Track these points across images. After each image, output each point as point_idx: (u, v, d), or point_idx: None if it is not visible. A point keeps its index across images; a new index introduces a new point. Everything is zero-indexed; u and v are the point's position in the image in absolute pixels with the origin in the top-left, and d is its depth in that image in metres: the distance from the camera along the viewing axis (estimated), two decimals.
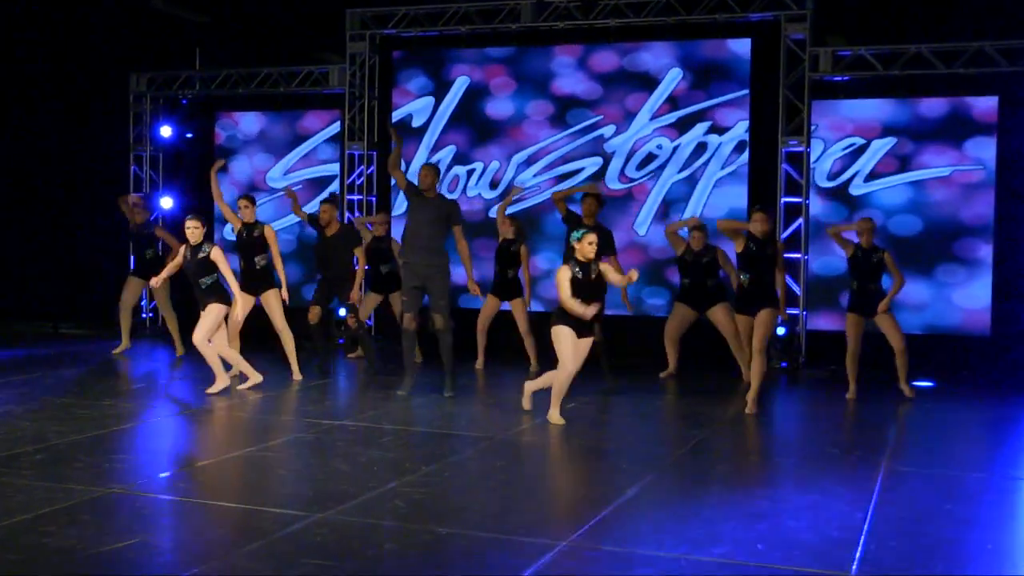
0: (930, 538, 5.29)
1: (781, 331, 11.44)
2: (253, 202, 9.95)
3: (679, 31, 12.16)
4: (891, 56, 11.38)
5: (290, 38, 13.80)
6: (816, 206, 11.81)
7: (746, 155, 12.00)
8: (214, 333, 9.14)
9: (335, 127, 13.65)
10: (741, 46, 12.02)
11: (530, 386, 8.46)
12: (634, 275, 7.69)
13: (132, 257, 12.93)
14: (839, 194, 11.83)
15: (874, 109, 11.73)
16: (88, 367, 10.92)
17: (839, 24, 11.80)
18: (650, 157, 12.32)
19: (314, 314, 10.31)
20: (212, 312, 9.02)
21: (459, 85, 13.01)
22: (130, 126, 14.36)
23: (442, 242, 9.00)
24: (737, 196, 11.95)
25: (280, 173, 13.95)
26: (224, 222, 13.29)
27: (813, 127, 11.67)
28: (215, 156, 14.12)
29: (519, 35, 12.65)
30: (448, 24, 12.71)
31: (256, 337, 10.94)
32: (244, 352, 9.67)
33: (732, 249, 9.16)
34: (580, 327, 7.90)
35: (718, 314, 10.30)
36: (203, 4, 13.87)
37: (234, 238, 10.25)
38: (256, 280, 9.78)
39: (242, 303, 9.40)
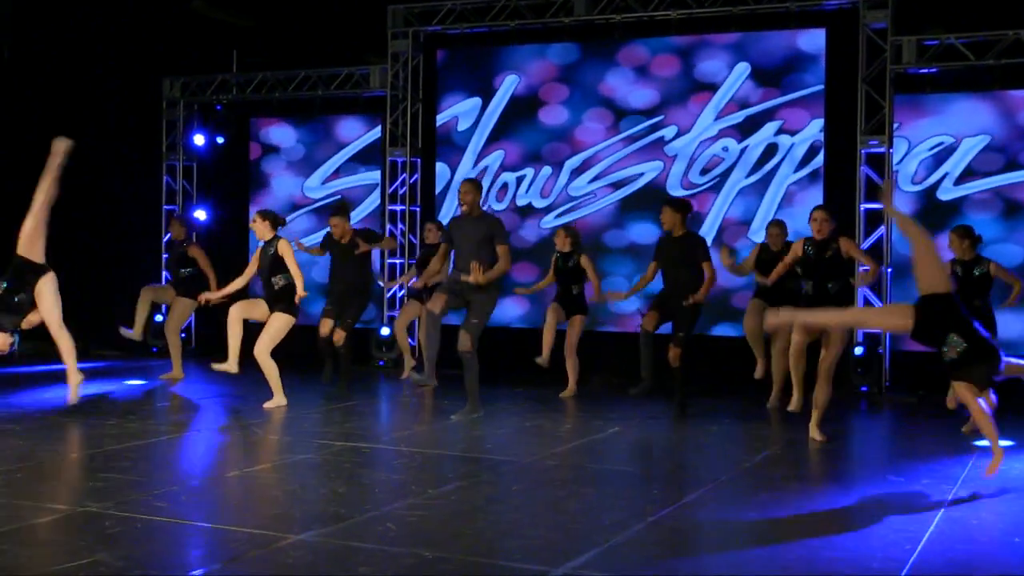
0: None
1: (859, 350, 11.09)
2: (264, 217, 9.68)
3: (746, 22, 11.95)
4: (984, 44, 11.03)
5: (329, 39, 13.91)
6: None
7: (821, 157, 11.72)
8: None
9: (376, 132, 13.69)
10: (815, 37, 11.76)
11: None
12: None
13: (166, 274, 13.15)
14: (926, 199, 11.46)
15: (965, 104, 11.36)
16: (105, 386, 11.06)
17: (924, 10, 11.46)
18: (716, 160, 12.10)
19: (326, 327, 10.30)
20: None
21: (508, 85, 12.96)
22: (163, 134, 14.59)
23: (487, 262, 8.94)
24: (812, 202, 11.63)
25: (318, 182, 14.04)
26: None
27: (896, 125, 11.34)
28: (250, 165, 14.34)
29: (573, 30, 12.56)
30: (496, 19, 12.69)
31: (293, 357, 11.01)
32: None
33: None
34: None
35: None
36: (245, 6, 14.10)
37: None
38: (273, 300, 9.61)
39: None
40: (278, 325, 9.42)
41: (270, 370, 9.51)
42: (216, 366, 9.51)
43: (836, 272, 8.54)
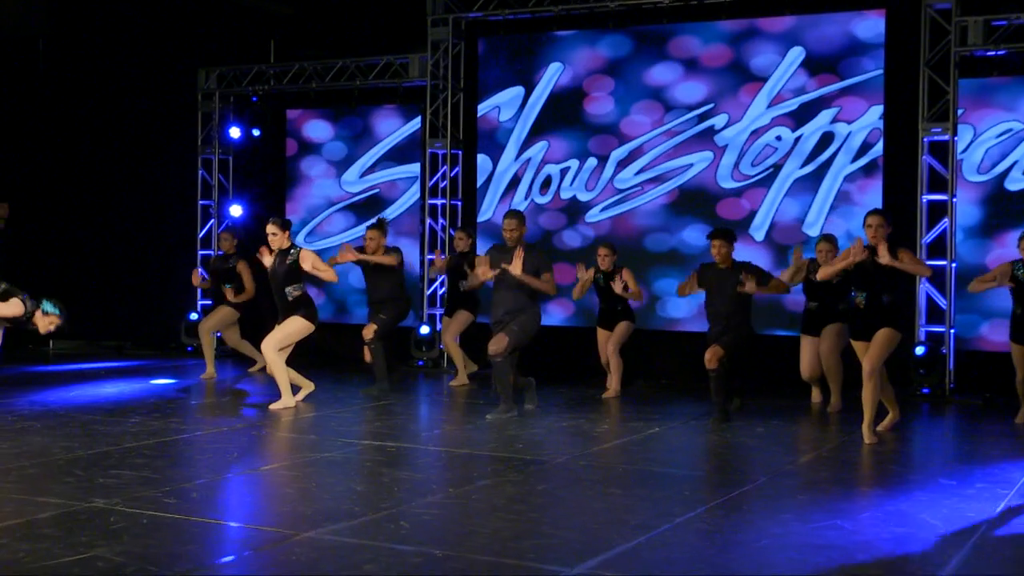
0: None
1: (920, 350, 10.89)
2: (281, 227, 9.64)
3: (801, 4, 11.79)
4: None
5: (367, 27, 13.97)
6: (965, 204, 11.22)
7: (880, 147, 11.52)
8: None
9: (415, 124, 13.71)
10: (873, 19, 11.56)
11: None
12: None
13: (202, 270, 13.40)
14: (992, 189, 11.22)
15: None
16: (134, 385, 11.18)
17: None
18: (769, 150, 11.95)
19: (369, 330, 10.48)
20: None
21: (552, 73, 12.91)
22: (198, 127, 14.73)
23: (527, 296, 9.14)
24: (871, 194, 11.46)
25: (356, 176, 14.08)
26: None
27: (960, 111, 11.12)
28: (285, 159, 14.45)
29: (619, 15, 12.48)
30: (540, 5, 12.63)
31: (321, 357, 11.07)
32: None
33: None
34: None
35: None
36: None
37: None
38: (287, 311, 9.59)
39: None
40: (295, 328, 9.44)
41: (278, 368, 9.46)
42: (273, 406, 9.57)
43: (891, 283, 8.32)
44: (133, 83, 15.03)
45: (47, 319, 7.39)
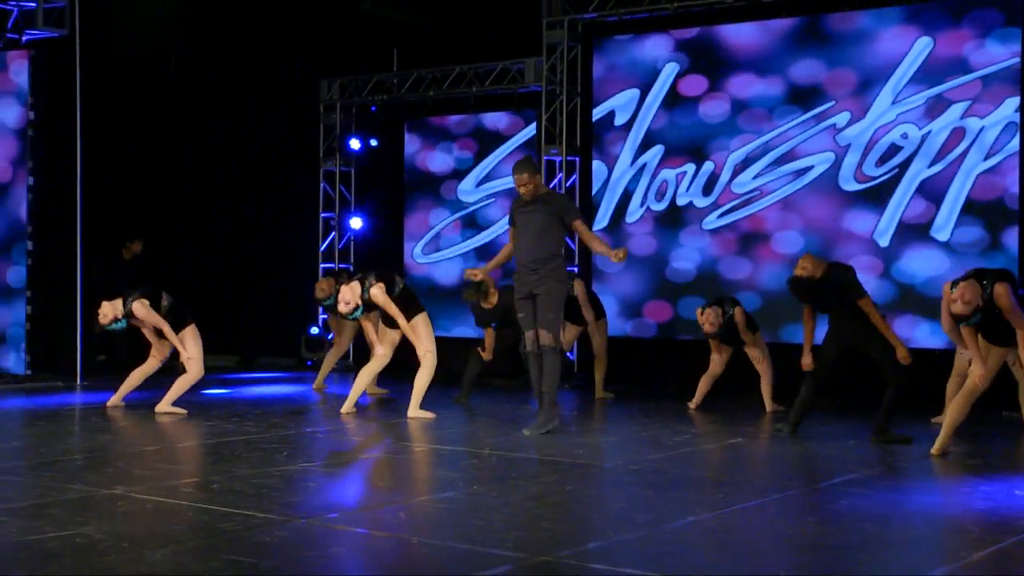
0: None
1: None
2: (334, 282, 10.20)
3: None
4: None
5: (486, 32, 14.32)
6: None
7: (1016, 141, 11.13)
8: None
9: (531, 130, 13.94)
10: (1007, 2, 11.20)
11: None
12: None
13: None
14: None
15: None
16: (226, 390, 11.72)
17: None
18: (894, 149, 11.69)
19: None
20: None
21: (667, 74, 12.95)
22: (320, 139, 15.34)
23: (553, 245, 8.80)
24: (1007, 193, 11.09)
25: (472, 185, 14.41)
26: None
27: None
28: (404, 169, 14.90)
29: (737, 11, 12.46)
30: (657, 3, 12.72)
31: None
32: None
33: None
34: None
35: None
36: (415, 4, 14.73)
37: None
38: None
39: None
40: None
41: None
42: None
43: None
44: (259, 96, 15.75)
45: None
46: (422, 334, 9.74)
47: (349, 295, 9.64)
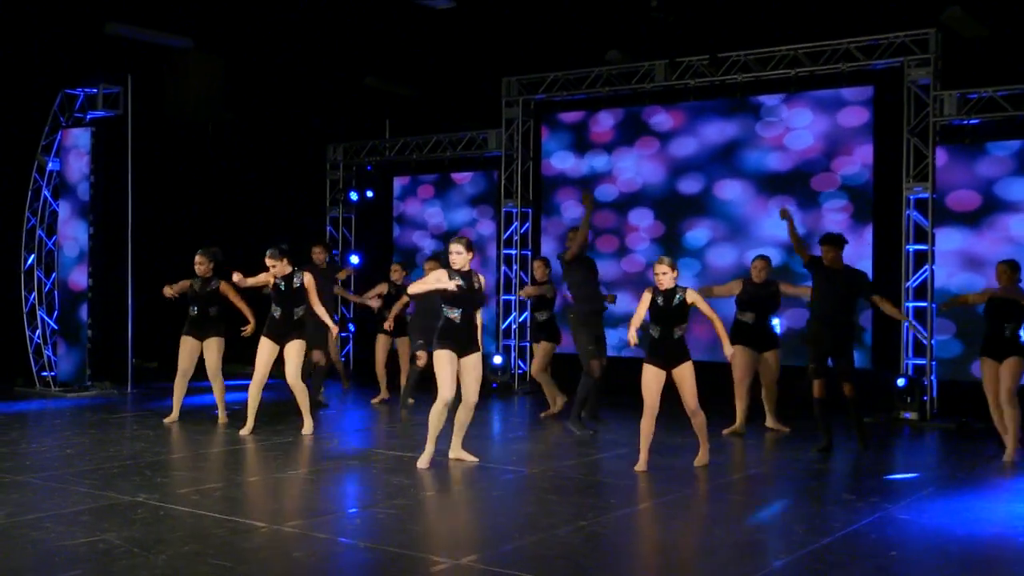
0: None
1: (902, 381, 10.72)
2: (284, 254, 9.67)
3: (795, 82, 11.83)
4: None
5: (457, 108, 14.64)
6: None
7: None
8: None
9: (491, 186, 14.23)
10: (861, 93, 11.49)
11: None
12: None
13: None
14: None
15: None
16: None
17: (966, 67, 11.09)
18: None
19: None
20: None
21: (594, 149, 13.24)
22: (326, 191, 15.64)
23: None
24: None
25: (446, 227, 14.68)
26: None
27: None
28: (392, 216, 15.17)
29: (652, 94, 12.79)
30: (593, 87, 13.02)
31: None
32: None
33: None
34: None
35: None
36: (408, 79, 15.00)
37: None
38: (291, 329, 9.47)
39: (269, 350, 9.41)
40: (297, 350, 9.33)
41: (302, 395, 9.38)
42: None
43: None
44: (279, 157, 16.01)
45: None
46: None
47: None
